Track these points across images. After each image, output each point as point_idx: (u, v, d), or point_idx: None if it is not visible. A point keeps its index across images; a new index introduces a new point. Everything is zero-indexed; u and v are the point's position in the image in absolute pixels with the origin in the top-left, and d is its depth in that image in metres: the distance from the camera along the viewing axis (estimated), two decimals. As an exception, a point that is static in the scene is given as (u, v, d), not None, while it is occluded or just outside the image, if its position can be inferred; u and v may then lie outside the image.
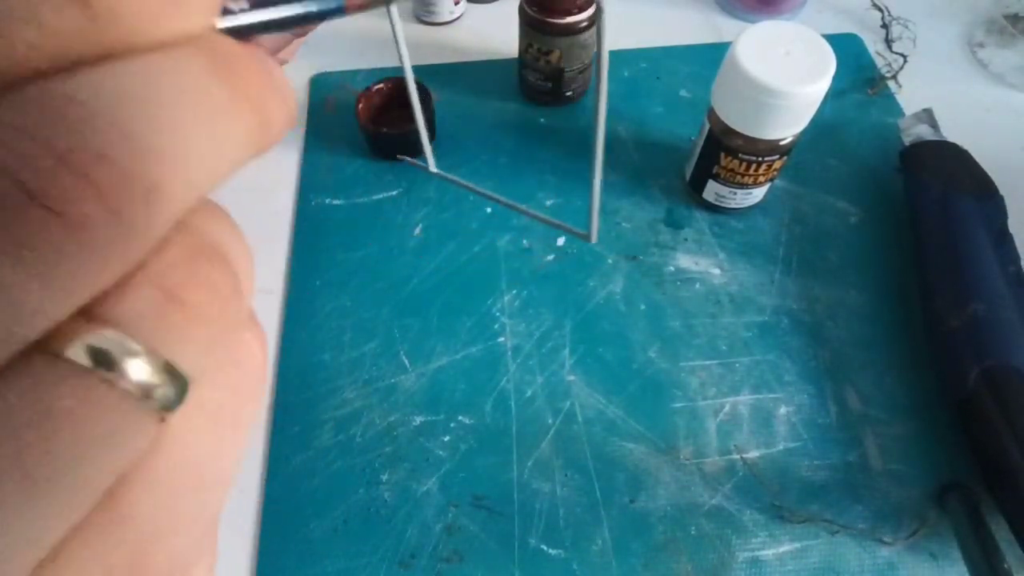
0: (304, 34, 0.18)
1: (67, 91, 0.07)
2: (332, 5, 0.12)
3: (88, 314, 0.08)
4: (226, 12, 0.10)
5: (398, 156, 0.21)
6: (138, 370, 0.08)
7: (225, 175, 0.09)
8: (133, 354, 0.08)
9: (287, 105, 0.10)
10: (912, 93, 0.49)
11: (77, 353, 0.08)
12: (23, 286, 0.07)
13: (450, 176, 0.19)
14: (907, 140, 0.44)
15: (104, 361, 0.08)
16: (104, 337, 0.08)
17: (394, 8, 0.16)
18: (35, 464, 0.07)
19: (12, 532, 0.07)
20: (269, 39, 0.15)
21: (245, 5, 0.11)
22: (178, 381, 0.09)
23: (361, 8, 0.13)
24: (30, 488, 0.07)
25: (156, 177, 0.08)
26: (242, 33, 0.10)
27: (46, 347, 0.08)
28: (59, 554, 0.08)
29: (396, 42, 0.17)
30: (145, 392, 0.08)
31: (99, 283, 0.08)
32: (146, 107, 0.08)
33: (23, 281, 0.07)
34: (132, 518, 0.08)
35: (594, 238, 0.16)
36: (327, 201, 0.45)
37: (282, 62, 0.18)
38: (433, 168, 0.19)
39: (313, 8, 0.12)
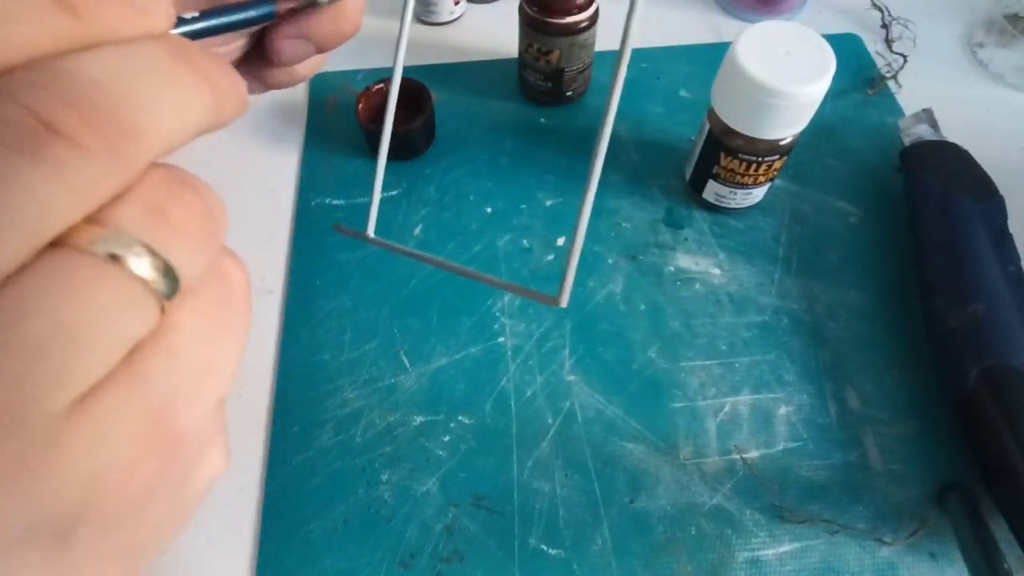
0: (325, 50, 0.20)
1: (67, 64, 0.10)
2: (264, 11, 0.16)
3: (93, 220, 0.10)
4: (180, 21, 0.14)
5: (334, 226, 0.21)
6: (137, 263, 0.10)
7: (189, 134, 0.12)
8: (132, 247, 0.10)
9: (237, 90, 0.13)
10: (912, 93, 0.49)
11: (89, 246, 0.10)
12: (46, 186, 0.09)
13: (388, 243, 0.20)
14: (907, 140, 0.44)
15: (110, 255, 0.10)
16: (108, 234, 0.10)
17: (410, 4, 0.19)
18: (68, 321, 0.09)
19: (41, 386, 0.09)
20: (220, 43, 0.18)
21: (196, 14, 0.14)
22: (171, 278, 0.11)
23: (292, 9, 0.17)
24: (63, 341, 0.09)
25: (137, 124, 0.10)
26: (195, 36, 0.14)
27: (65, 243, 0.10)
28: (89, 397, 0.10)
29: (400, 37, 0.18)
30: (145, 280, 0.11)
31: (101, 191, 0.10)
32: (126, 75, 0.10)
33: (46, 181, 0.09)
34: (147, 378, 0.11)
35: (564, 302, 0.15)
36: (327, 201, 0.45)
37: (304, 78, 0.21)
38: (371, 234, 0.21)
39: (251, 13, 0.16)
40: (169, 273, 0.11)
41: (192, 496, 0.13)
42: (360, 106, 0.45)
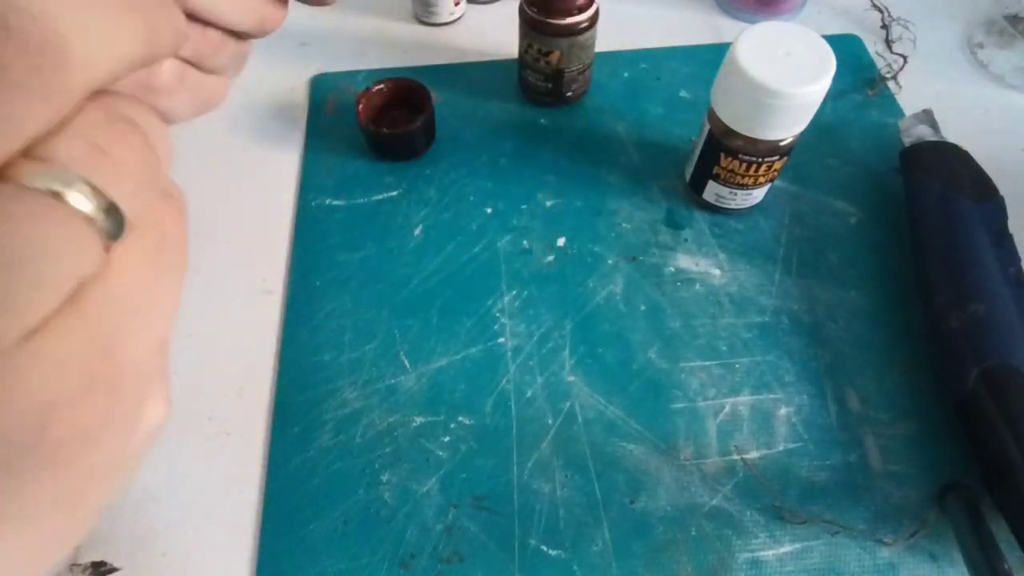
0: None
1: None
2: None
3: (31, 154, 0.10)
4: None
5: None
6: (80, 200, 0.10)
7: (122, 66, 0.12)
8: (74, 184, 0.10)
9: (172, 23, 0.13)
10: (912, 93, 0.49)
11: (29, 181, 0.10)
12: None
13: None
14: (907, 140, 0.44)
15: (52, 192, 0.10)
16: (49, 169, 0.10)
17: None
18: (16, 255, 0.10)
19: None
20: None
21: None
22: (115, 216, 0.11)
23: None
24: (11, 275, 0.10)
25: (66, 53, 0.10)
26: None
27: (4, 177, 0.10)
28: (38, 332, 0.10)
29: None
30: (88, 219, 0.11)
31: (33, 121, 0.10)
32: (52, 3, 0.10)
33: None
34: (92, 315, 0.11)
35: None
36: (327, 201, 0.45)
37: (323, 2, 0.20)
38: None
39: None
40: (112, 211, 0.11)
41: (136, 440, 0.13)
42: (360, 106, 0.45)
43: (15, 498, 0.11)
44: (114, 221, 0.11)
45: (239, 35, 0.18)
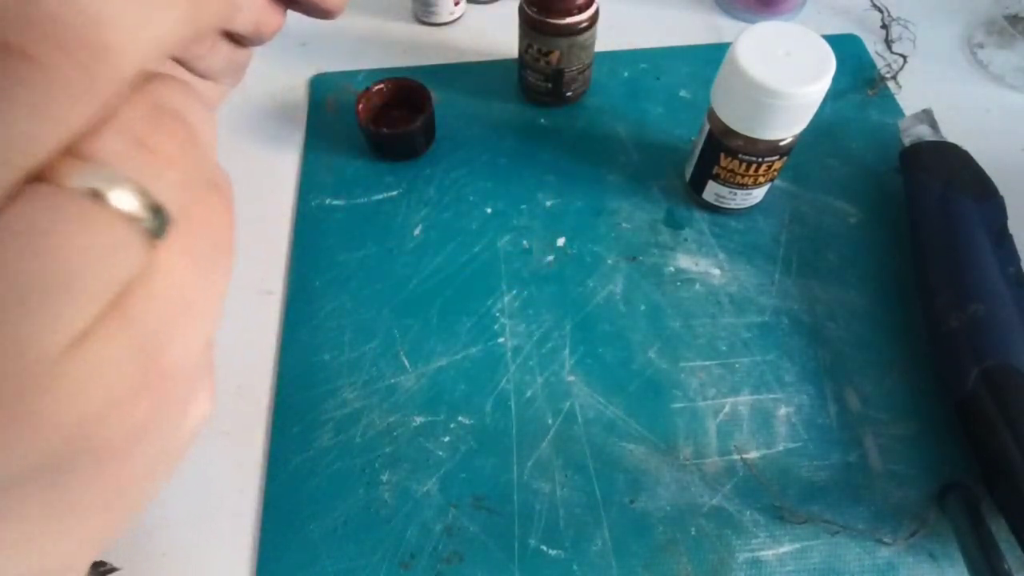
0: None
1: None
2: None
3: (73, 153, 0.10)
4: None
5: None
6: (123, 200, 0.10)
7: (165, 46, 0.11)
8: (117, 183, 0.10)
9: None
10: (912, 93, 0.49)
11: (72, 181, 0.10)
12: (12, 112, 0.09)
13: None
14: (907, 140, 0.44)
15: (94, 192, 0.10)
16: (91, 168, 0.10)
17: None
18: (59, 263, 0.09)
19: (38, 328, 0.09)
20: None
21: None
22: (160, 216, 0.11)
23: None
24: (55, 284, 0.09)
25: (106, 40, 0.10)
26: None
27: (46, 179, 0.09)
28: (83, 338, 0.10)
29: None
30: (132, 219, 0.10)
31: (75, 116, 0.10)
32: None
33: (11, 107, 0.09)
34: (138, 319, 0.10)
35: None
36: (327, 201, 0.45)
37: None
38: None
39: None
40: (156, 210, 0.11)
41: (181, 438, 0.13)
42: (360, 106, 0.45)
43: (64, 499, 0.11)
44: (159, 219, 0.11)
45: (235, 40, 0.17)
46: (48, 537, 0.11)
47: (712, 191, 0.42)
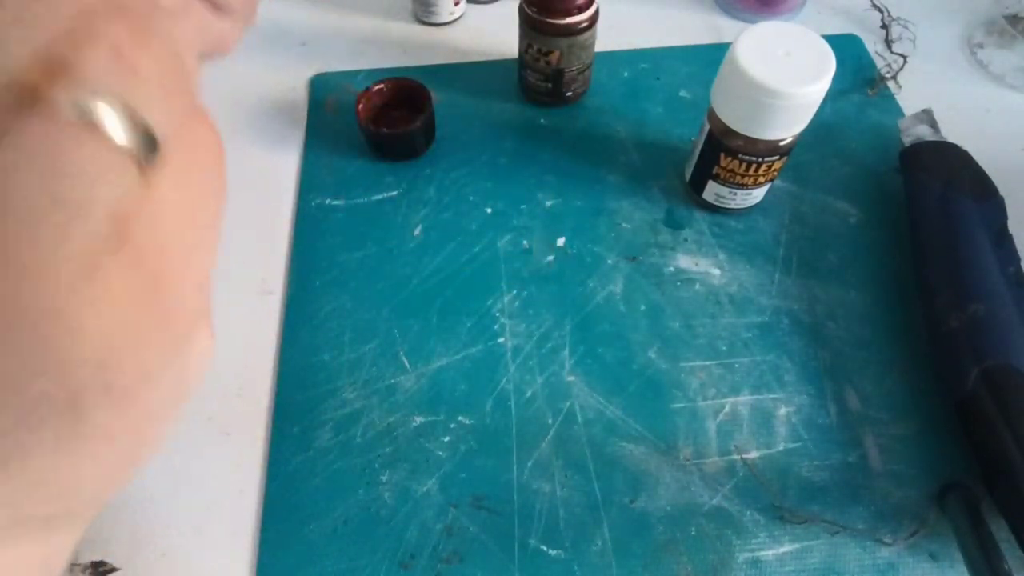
0: None
1: None
2: None
3: (55, 68, 0.10)
4: None
5: None
6: (113, 121, 0.10)
7: None
8: (100, 95, 0.10)
9: None
10: (912, 93, 0.49)
11: (60, 99, 0.09)
12: None
13: None
14: (907, 140, 0.44)
15: (84, 110, 0.10)
16: (77, 86, 0.10)
17: None
18: (54, 191, 0.09)
19: (51, 249, 0.09)
20: None
21: None
22: (149, 138, 0.10)
23: None
24: (59, 213, 0.09)
25: None
26: None
27: (37, 95, 0.09)
28: (90, 270, 0.10)
29: None
30: (125, 147, 0.10)
31: (54, 14, 0.09)
32: None
33: None
34: (139, 250, 0.10)
35: None
36: (327, 201, 0.45)
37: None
38: None
39: None
40: (147, 134, 0.10)
41: (188, 375, 0.13)
42: (360, 106, 0.45)
43: (77, 437, 0.11)
44: (149, 142, 0.11)
45: None
46: (64, 472, 0.11)
47: (712, 191, 0.42)
